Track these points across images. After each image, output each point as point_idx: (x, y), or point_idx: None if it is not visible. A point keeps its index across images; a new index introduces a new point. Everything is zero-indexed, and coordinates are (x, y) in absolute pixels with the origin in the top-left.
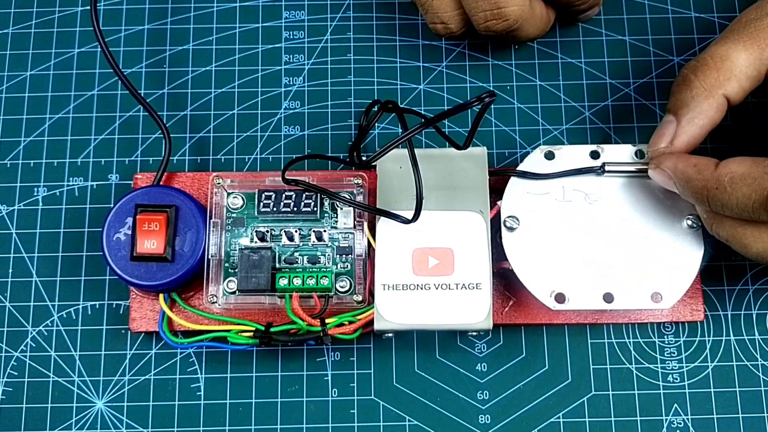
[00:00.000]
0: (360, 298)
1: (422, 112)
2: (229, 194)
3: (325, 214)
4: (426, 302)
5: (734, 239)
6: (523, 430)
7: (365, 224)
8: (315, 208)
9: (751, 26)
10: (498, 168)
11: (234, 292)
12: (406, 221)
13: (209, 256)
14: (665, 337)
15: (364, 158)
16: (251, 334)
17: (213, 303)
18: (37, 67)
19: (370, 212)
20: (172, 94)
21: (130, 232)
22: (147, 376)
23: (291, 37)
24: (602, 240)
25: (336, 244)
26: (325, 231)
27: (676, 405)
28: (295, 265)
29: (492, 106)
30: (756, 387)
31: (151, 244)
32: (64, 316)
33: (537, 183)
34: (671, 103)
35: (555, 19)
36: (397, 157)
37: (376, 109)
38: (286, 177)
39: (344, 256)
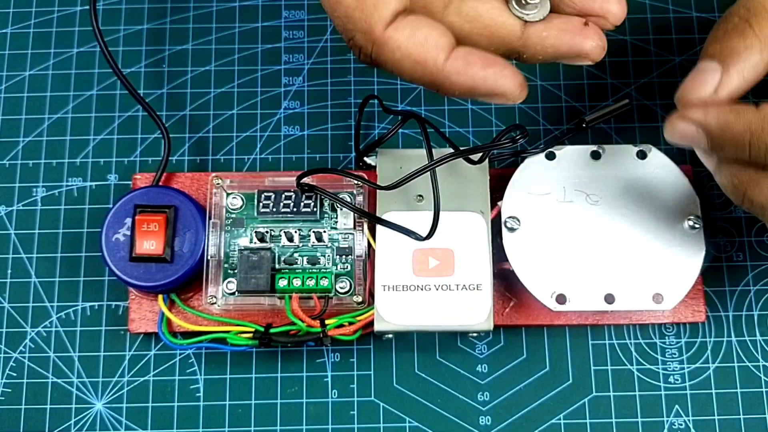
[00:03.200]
0: (360, 299)
1: (429, 116)
2: (228, 194)
3: (325, 215)
4: (426, 303)
5: None
6: (523, 431)
7: (365, 225)
8: (315, 209)
9: None
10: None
11: (233, 293)
12: (420, 238)
13: (208, 257)
14: (666, 338)
15: (372, 163)
16: (251, 335)
17: (212, 304)
18: (36, 67)
19: (387, 227)
20: (172, 93)
21: (129, 233)
22: (146, 378)
23: (291, 36)
24: (603, 241)
25: (336, 244)
26: (324, 231)
27: (677, 406)
28: (294, 266)
29: (492, 106)
30: (757, 388)
31: (150, 244)
32: (63, 317)
33: (538, 184)
34: (715, 50)
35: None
36: (397, 157)
37: (400, 118)
38: (301, 183)
39: (344, 256)
